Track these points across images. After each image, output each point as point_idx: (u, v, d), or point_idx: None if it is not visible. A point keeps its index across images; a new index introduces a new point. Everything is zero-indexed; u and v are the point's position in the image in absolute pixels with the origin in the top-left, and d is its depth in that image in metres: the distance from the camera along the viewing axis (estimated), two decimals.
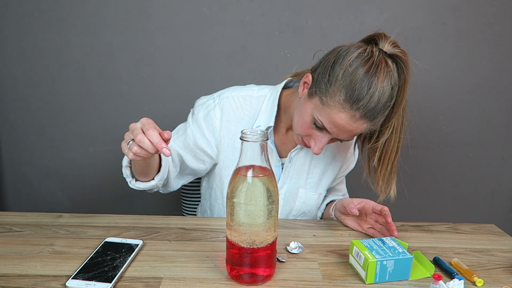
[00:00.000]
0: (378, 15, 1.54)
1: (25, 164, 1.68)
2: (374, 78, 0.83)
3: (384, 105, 0.85)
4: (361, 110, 0.83)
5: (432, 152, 1.69)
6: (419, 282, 0.76)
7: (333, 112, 0.85)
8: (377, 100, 0.83)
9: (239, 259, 0.73)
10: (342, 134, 0.88)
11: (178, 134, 1.06)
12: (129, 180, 0.94)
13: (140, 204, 1.67)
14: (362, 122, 0.85)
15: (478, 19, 1.55)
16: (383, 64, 0.84)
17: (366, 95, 0.83)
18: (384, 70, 0.84)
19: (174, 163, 1.02)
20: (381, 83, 0.83)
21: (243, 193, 0.70)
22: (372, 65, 0.84)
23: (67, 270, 0.77)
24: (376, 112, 0.85)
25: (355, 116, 0.84)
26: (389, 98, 0.85)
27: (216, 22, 1.52)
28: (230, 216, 0.72)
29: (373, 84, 0.83)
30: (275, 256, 0.76)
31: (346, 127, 0.86)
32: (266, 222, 0.71)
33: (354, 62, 0.84)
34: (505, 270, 0.81)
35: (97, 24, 1.52)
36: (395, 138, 0.92)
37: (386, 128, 0.90)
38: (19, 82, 1.58)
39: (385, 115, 0.87)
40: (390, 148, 0.93)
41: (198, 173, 1.10)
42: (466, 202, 1.76)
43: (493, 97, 1.64)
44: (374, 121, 0.86)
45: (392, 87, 0.85)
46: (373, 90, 0.83)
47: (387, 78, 0.84)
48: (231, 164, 1.05)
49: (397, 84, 0.86)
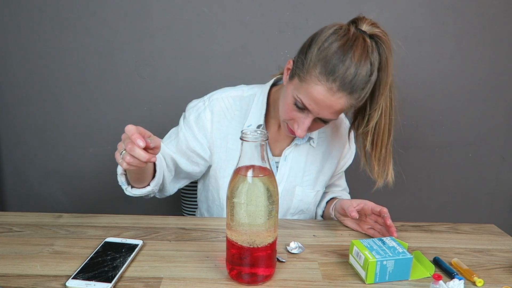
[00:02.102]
0: (378, 15, 1.53)
1: (25, 164, 1.68)
2: (350, 51, 0.83)
3: (363, 80, 0.84)
4: (338, 82, 0.83)
5: (432, 152, 1.69)
6: (419, 282, 0.76)
7: (310, 86, 0.85)
8: (354, 72, 0.82)
9: (239, 259, 0.72)
10: (322, 110, 0.87)
11: (171, 138, 1.06)
12: (125, 188, 0.95)
13: (140, 204, 1.67)
14: (340, 95, 0.84)
15: (478, 19, 1.55)
16: (360, 40, 0.84)
17: (342, 66, 0.82)
18: (361, 45, 0.84)
19: (169, 168, 1.03)
20: (358, 57, 0.83)
21: (243, 193, 0.70)
22: (348, 40, 0.84)
23: (67, 270, 0.77)
24: (354, 86, 0.84)
25: (332, 89, 0.84)
26: (368, 73, 0.84)
27: (216, 22, 1.52)
28: (230, 216, 0.72)
29: (348, 56, 0.83)
30: (275, 256, 0.76)
31: (325, 101, 0.85)
32: (266, 222, 0.71)
33: (329, 38, 0.85)
34: (505, 270, 0.81)
35: (97, 24, 1.52)
36: (385, 120, 0.91)
37: (374, 111, 0.90)
38: (19, 82, 1.58)
39: (366, 91, 0.86)
40: (382, 131, 0.92)
41: (193, 176, 1.11)
42: (466, 202, 1.76)
43: (493, 97, 1.64)
44: (354, 96, 0.85)
45: (371, 62, 0.84)
46: (349, 62, 0.83)
47: (365, 53, 0.84)
48: (225, 166, 1.06)
49: (378, 61, 0.86)
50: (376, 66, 0.85)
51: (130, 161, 0.74)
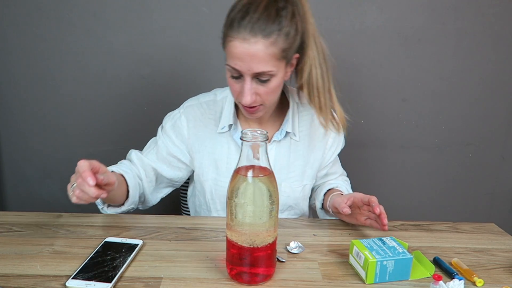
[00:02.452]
0: (378, 15, 1.53)
1: (25, 164, 1.68)
2: (254, 3, 0.86)
3: (271, 21, 0.86)
4: (247, 29, 0.85)
5: (432, 152, 1.69)
6: (419, 282, 0.76)
7: (229, 47, 0.88)
8: (259, 17, 0.85)
9: (239, 259, 0.72)
10: (249, 64, 0.88)
11: (150, 148, 1.09)
12: (100, 207, 0.99)
13: None
14: (255, 40, 0.85)
15: (478, 19, 1.55)
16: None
17: (247, 16, 0.86)
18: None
19: (149, 179, 1.06)
20: (263, 6, 0.86)
21: (243, 193, 0.70)
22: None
23: (67, 270, 0.77)
24: (265, 28, 0.85)
25: (245, 38, 0.85)
26: (278, 17, 0.86)
27: (216, 22, 1.52)
28: (230, 216, 0.72)
29: (252, 7, 0.86)
30: (275, 256, 0.76)
31: (244, 52, 0.86)
32: (266, 222, 0.71)
33: (237, 1, 0.90)
34: (505, 270, 0.81)
35: (97, 24, 1.52)
36: (316, 70, 0.94)
37: (304, 63, 0.93)
38: (19, 82, 1.58)
39: (283, 33, 0.87)
40: (315, 80, 0.95)
41: (176, 183, 1.13)
42: (466, 202, 1.76)
43: (493, 97, 1.64)
44: (270, 39, 0.86)
45: (277, 8, 0.86)
46: (253, 10, 0.86)
47: (269, 2, 0.86)
48: (207, 170, 1.08)
49: (289, 9, 0.87)
50: (287, 12, 0.87)
51: (79, 196, 0.77)
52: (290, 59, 0.93)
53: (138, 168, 1.05)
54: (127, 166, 1.04)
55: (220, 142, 1.06)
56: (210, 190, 1.09)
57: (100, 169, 0.80)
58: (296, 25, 0.89)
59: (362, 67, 1.59)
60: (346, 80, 1.60)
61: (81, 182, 0.75)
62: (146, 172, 1.06)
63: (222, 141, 1.06)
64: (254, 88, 0.92)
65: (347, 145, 1.19)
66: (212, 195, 1.09)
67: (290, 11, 0.88)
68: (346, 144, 1.18)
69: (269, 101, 0.97)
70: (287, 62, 0.93)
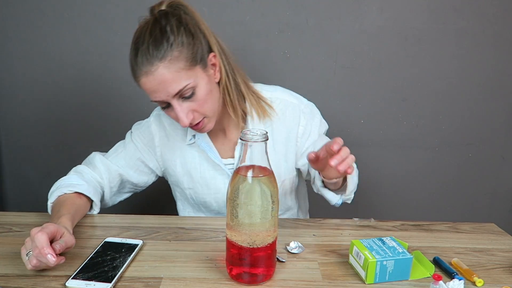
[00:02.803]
0: (378, 15, 1.53)
1: (25, 164, 1.68)
2: (140, 36, 0.88)
3: (156, 40, 0.86)
4: (142, 62, 0.86)
5: (432, 152, 1.69)
6: (419, 282, 0.76)
7: (140, 86, 0.90)
8: (147, 46, 0.85)
9: (239, 259, 0.72)
10: (165, 90, 0.88)
11: (118, 152, 1.09)
12: None
13: (139, 204, 1.67)
14: (154, 68, 0.86)
15: (478, 19, 1.55)
16: (145, 22, 0.90)
17: (135, 50, 0.87)
18: (146, 24, 0.89)
19: (112, 184, 1.07)
20: (148, 34, 0.87)
21: (243, 193, 0.70)
22: (137, 32, 0.91)
23: (67, 270, 0.77)
24: (154, 51, 0.85)
25: (146, 72, 0.86)
26: (159, 33, 0.86)
27: (216, 22, 1.52)
28: (230, 216, 0.72)
29: (140, 40, 0.87)
30: (275, 256, 0.76)
31: (154, 83, 0.87)
32: (266, 222, 0.71)
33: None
34: (505, 270, 0.81)
35: (97, 24, 1.52)
36: (222, 73, 0.95)
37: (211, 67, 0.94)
38: (19, 82, 1.58)
39: (176, 51, 0.86)
40: (225, 82, 0.96)
41: (140, 188, 1.14)
42: (466, 202, 1.76)
43: (493, 97, 1.64)
44: (167, 57, 0.86)
45: (161, 27, 0.87)
46: (135, 43, 0.88)
47: (153, 26, 0.88)
48: (183, 179, 1.09)
49: (173, 24, 0.87)
50: (171, 25, 0.87)
51: (36, 265, 0.73)
52: (205, 62, 0.92)
53: (102, 174, 1.05)
54: (84, 177, 1.03)
55: (191, 153, 1.07)
56: (191, 197, 1.11)
57: (58, 233, 0.78)
58: (186, 30, 0.88)
59: (362, 67, 1.59)
60: (346, 80, 1.60)
61: (38, 253, 0.72)
62: (111, 177, 1.06)
63: (193, 152, 1.06)
64: (186, 107, 0.91)
65: (347, 145, 1.18)
66: (194, 201, 1.12)
67: (174, 22, 0.88)
68: (347, 144, 1.18)
69: (209, 111, 0.94)
70: (204, 66, 0.91)
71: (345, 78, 1.60)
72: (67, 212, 0.88)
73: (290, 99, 1.07)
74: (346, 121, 1.63)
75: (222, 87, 0.96)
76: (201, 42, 0.91)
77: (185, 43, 0.87)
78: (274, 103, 1.06)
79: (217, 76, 0.95)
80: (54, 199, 0.97)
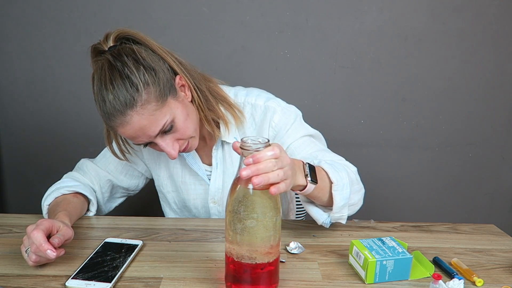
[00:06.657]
0: (378, 15, 1.54)
1: (25, 164, 1.68)
2: (102, 86, 0.83)
3: (121, 88, 0.81)
4: (114, 115, 0.82)
5: (432, 152, 1.69)
6: (419, 282, 0.76)
7: (120, 134, 0.88)
8: (109, 92, 0.81)
9: (239, 276, 0.68)
10: (144, 135, 0.85)
11: (106, 157, 1.09)
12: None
13: (140, 206, 1.67)
14: (129, 117, 0.82)
15: (478, 19, 1.55)
16: (102, 66, 0.85)
17: (102, 101, 0.83)
18: (104, 71, 0.84)
19: (103, 190, 1.07)
20: (98, 79, 0.84)
21: (244, 204, 0.65)
22: (96, 77, 0.85)
23: (67, 270, 0.77)
24: (122, 101, 0.81)
25: (121, 122, 0.83)
26: (119, 79, 0.81)
27: (216, 22, 1.52)
28: (230, 229, 0.66)
29: (96, 89, 0.84)
30: (277, 273, 0.72)
31: (132, 131, 0.84)
32: (269, 236, 0.66)
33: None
34: (505, 270, 0.81)
35: (97, 24, 1.52)
36: (193, 93, 0.92)
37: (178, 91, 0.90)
38: (19, 82, 1.58)
39: (145, 91, 0.82)
40: (197, 102, 0.93)
41: (132, 191, 1.15)
42: (466, 202, 1.76)
43: (493, 97, 1.64)
44: (137, 103, 0.81)
45: (118, 70, 0.82)
46: (98, 94, 0.83)
47: (112, 72, 0.82)
48: (166, 182, 1.10)
49: (123, 58, 0.83)
50: (129, 66, 0.82)
51: (37, 260, 0.74)
52: (174, 89, 0.88)
53: (92, 180, 1.06)
54: (78, 180, 1.05)
55: (173, 160, 1.06)
56: (173, 201, 1.12)
57: (53, 227, 0.78)
58: (146, 68, 0.84)
59: (362, 67, 1.59)
60: (346, 80, 1.60)
61: (36, 249, 0.72)
62: (101, 183, 1.07)
63: (175, 160, 1.06)
64: (170, 140, 0.88)
65: (348, 145, 1.18)
66: (176, 205, 1.12)
67: (131, 63, 0.83)
68: (347, 144, 1.18)
69: (191, 133, 0.91)
70: (174, 95, 0.88)
71: (345, 78, 1.60)
72: (63, 209, 0.90)
73: (260, 103, 1.01)
74: (346, 121, 1.64)
75: (196, 104, 0.93)
76: (164, 71, 0.87)
77: (150, 82, 0.83)
78: (245, 108, 1.02)
79: (188, 95, 0.92)
80: (51, 200, 0.97)
